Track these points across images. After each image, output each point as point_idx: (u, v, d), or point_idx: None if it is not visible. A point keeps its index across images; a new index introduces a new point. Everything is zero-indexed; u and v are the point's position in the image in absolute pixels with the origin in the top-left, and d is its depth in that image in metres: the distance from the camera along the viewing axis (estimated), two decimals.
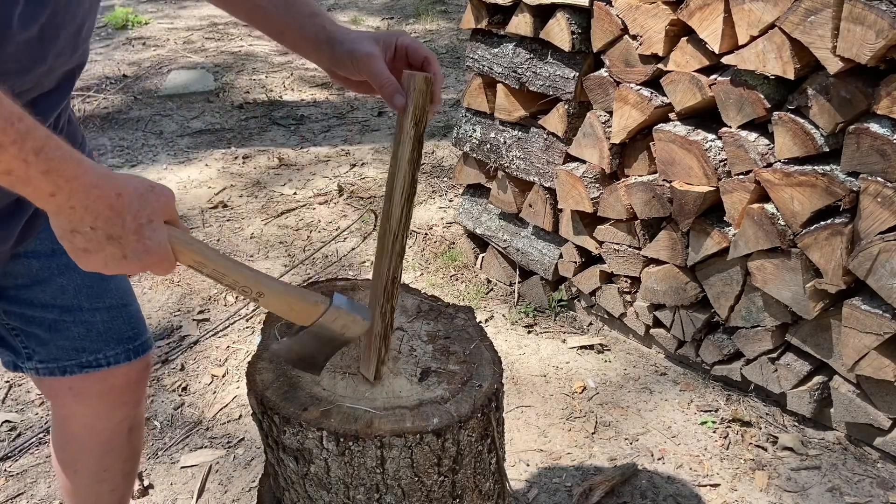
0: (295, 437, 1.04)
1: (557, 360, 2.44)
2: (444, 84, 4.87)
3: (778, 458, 2.04)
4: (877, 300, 1.78)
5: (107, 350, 1.30)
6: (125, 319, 1.32)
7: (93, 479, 1.47)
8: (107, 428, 1.41)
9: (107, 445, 1.43)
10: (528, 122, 2.46)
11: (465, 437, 1.06)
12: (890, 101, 1.61)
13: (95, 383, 1.32)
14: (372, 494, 1.06)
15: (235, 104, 4.55)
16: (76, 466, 1.46)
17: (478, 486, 1.15)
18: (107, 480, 1.48)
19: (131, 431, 1.45)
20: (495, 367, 1.16)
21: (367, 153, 3.94)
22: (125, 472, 1.51)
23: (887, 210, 1.66)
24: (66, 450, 1.45)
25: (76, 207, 0.83)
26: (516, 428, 2.16)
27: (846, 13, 1.58)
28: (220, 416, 2.24)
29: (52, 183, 0.80)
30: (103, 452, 1.44)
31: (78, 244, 0.86)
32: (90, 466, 1.45)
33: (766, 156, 1.86)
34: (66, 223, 0.85)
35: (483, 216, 2.80)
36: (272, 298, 0.98)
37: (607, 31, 2.09)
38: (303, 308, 1.00)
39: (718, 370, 2.25)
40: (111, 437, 1.42)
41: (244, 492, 1.98)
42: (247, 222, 3.27)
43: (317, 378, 1.11)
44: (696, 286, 2.16)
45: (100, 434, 1.41)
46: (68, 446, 1.44)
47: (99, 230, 0.85)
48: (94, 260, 0.88)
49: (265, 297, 0.98)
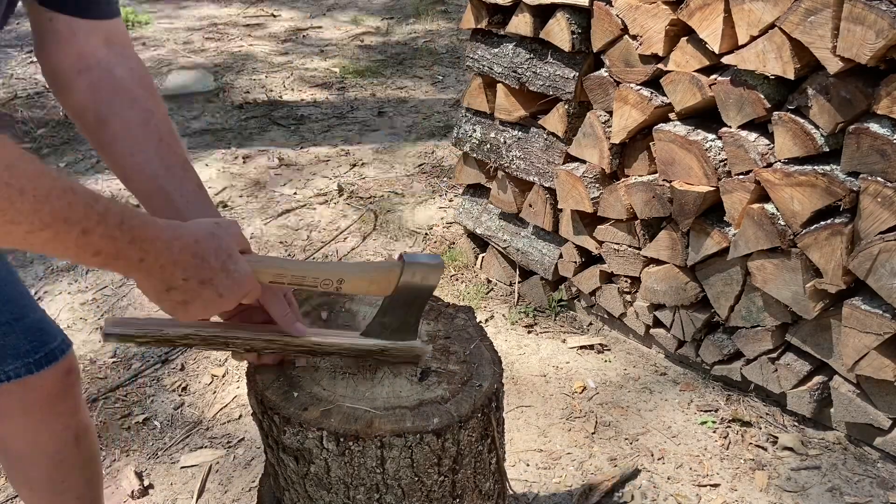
0: (295, 436, 1.04)
1: (557, 360, 2.44)
2: (445, 84, 4.87)
3: (778, 458, 2.04)
4: (877, 300, 1.78)
5: (4, 366, 1.26)
6: (18, 334, 1.27)
7: (51, 491, 1.45)
8: (49, 440, 1.38)
9: (55, 457, 1.41)
10: (528, 122, 2.46)
11: (465, 437, 1.06)
12: (890, 101, 1.61)
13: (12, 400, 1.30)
14: (372, 494, 1.06)
15: (235, 104, 4.55)
16: (30, 484, 1.44)
17: (478, 486, 1.15)
18: (69, 490, 1.46)
19: (78, 440, 1.42)
20: (495, 366, 1.16)
21: (367, 153, 3.94)
22: (87, 479, 1.49)
23: (887, 210, 1.66)
24: (16, 468, 1.44)
25: (165, 265, 0.86)
26: (516, 428, 2.16)
27: (846, 13, 1.58)
28: (220, 416, 2.24)
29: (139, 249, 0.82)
30: (53, 465, 1.41)
31: (175, 299, 0.89)
32: (43, 481, 1.43)
33: (767, 156, 1.86)
34: (159, 283, 0.87)
35: (483, 216, 2.80)
36: (352, 281, 1.03)
37: (607, 31, 2.09)
38: (382, 277, 1.04)
39: (718, 370, 2.25)
40: (57, 448, 1.40)
41: (244, 492, 1.98)
42: (247, 222, 3.27)
43: (316, 377, 1.12)
44: (696, 286, 2.16)
45: (44, 447, 1.38)
46: (17, 464, 1.43)
47: (191, 279, 0.88)
48: (194, 308, 0.91)
49: (346, 282, 1.02)
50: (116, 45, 1.12)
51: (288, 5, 6.77)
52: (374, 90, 4.78)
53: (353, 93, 4.75)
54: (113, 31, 1.12)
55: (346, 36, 5.92)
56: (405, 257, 1.03)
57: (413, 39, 5.79)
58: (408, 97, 4.68)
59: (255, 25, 6.18)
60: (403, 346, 1.11)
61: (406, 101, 4.61)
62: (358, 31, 6.04)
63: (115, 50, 1.11)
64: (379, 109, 4.48)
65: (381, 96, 4.69)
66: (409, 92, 4.77)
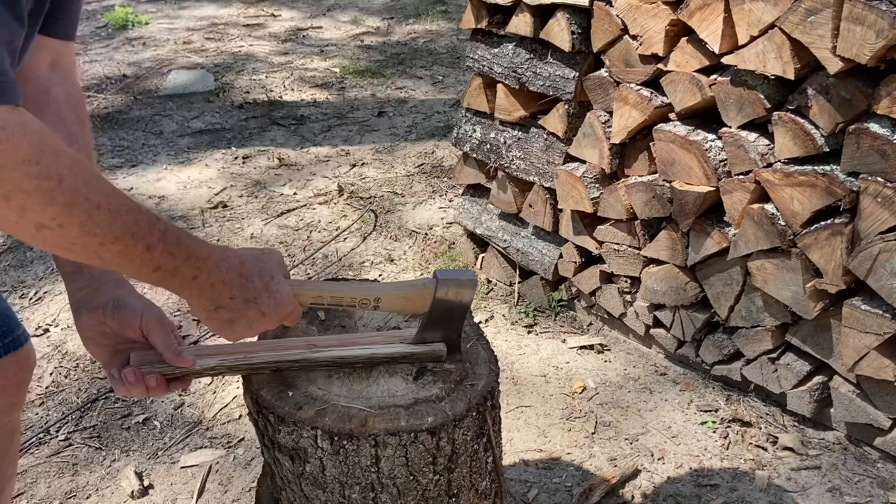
0: (290, 436, 1.04)
1: (557, 360, 2.44)
2: (445, 84, 4.87)
3: (778, 458, 2.04)
4: (877, 300, 1.78)
5: None
6: None
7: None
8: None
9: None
10: (528, 122, 2.45)
11: (460, 436, 1.06)
12: (890, 102, 1.61)
13: None
14: (367, 493, 1.06)
15: (235, 104, 4.55)
16: None
17: (474, 485, 1.15)
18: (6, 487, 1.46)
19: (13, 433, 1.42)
20: (491, 365, 1.16)
21: (367, 153, 3.94)
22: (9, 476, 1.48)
23: (887, 210, 1.65)
24: None
25: (215, 284, 0.92)
26: (516, 428, 2.16)
27: (846, 13, 1.57)
28: (220, 416, 2.24)
29: (194, 267, 0.89)
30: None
31: (223, 317, 0.95)
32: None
33: (766, 156, 1.85)
34: (209, 302, 0.93)
35: (483, 216, 2.80)
36: (389, 300, 1.07)
37: (607, 31, 2.09)
38: (417, 295, 1.08)
39: (718, 370, 2.24)
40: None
41: (244, 492, 1.97)
42: (247, 222, 3.27)
43: (312, 377, 1.11)
44: (696, 286, 2.15)
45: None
46: None
47: (237, 298, 0.94)
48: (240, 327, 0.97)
49: (383, 301, 1.07)
50: (60, 69, 1.16)
51: (288, 5, 6.78)
52: (374, 90, 4.78)
53: (353, 93, 4.75)
54: (61, 53, 1.16)
55: (346, 36, 5.92)
56: (438, 274, 1.06)
57: (413, 39, 5.80)
58: (408, 97, 4.68)
59: (255, 25, 6.19)
60: (425, 349, 1.13)
61: (406, 101, 4.61)
62: (358, 31, 6.05)
63: (57, 72, 1.15)
64: (379, 109, 4.48)
65: (381, 96, 4.69)
66: (409, 92, 4.77)
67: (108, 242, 0.79)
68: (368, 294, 1.05)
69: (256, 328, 0.98)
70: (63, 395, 2.31)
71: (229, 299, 0.93)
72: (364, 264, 2.97)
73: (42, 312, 2.68)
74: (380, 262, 2.97)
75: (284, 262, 1.02)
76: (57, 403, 2.28)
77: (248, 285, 0.94)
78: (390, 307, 1.08)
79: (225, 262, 0.92)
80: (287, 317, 1.00)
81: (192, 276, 0.89)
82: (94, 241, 0.78)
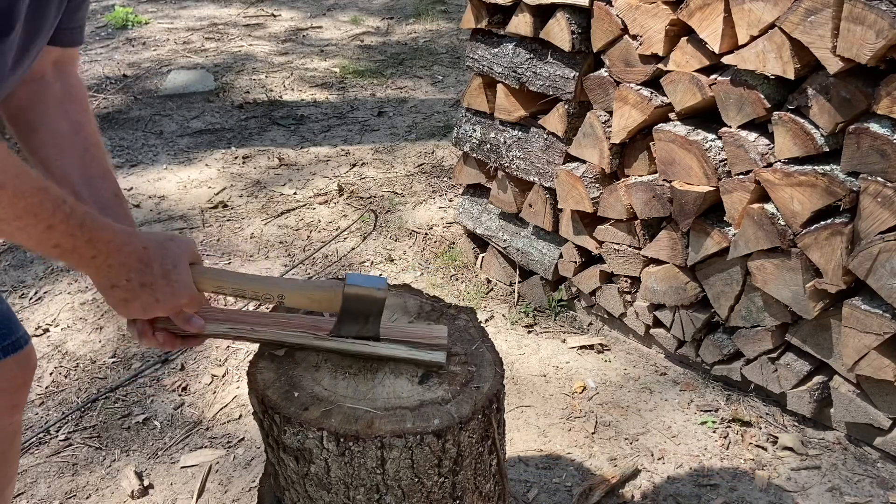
0: (295, 436, 1.04)
1: (557, 360, 2.44)
2: (445, 84, 4.87)
3: (778, 458, 2.04)
4: (877, 300, 1.78)
5: None
6: None
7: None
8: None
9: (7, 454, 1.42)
10: (528, 122, 2.46)
11: (465, 439, 1.06)
12: (890, 101, 1.61)
13: None
14: (372, 495, 1.06)
15: (235, 104, 4.55)
16: None
17: (478, 488, 1.15)
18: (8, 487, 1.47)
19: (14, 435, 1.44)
20: (497, 368, 1.16)
21: (367, 153, 3.94)
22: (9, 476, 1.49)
23: (887, 210, 1.66)
24: None
25: (113, 265, 0.97)
26: (516, 428, 2.16)
27: (846, 13, 1.58)
28: (220, 416, 2.24)
29: (93, 248, 0.95)
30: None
31: (118, 296, 1.01)
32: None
33: (766, 156, 1.86)
34: (106, 280, 0.99)
35: (483, 216, 2.80)
36: (293, 297, 1.10)
37: (607, 31, 2.09)
38: (323, 296, 1.10)
39: (718, 370, 2.25)
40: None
41: (244, 492, 1.98)
42: (247, 222, 3.27)
43: (318, 377, 1.12)
44: (696, 286, 2.16)
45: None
46: None
47: (133, 280, 0.99)
48: (134, 307, 1.02)
49: (286, 297, 1.09)
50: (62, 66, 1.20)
51: (288, 5, 6.77)
52: (374, 90, 4.78)
53: (353, 93, 4.75)
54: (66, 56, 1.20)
55: (346, 36, 5.92)
56: (348, 279, 1.09)
57: (413, 39, 5.79)
58: (408, 97, 4.68)
59: (255, 25, 6.18)
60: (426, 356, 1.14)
61: (406, 101, 4.61)
62: (358, 31, 6.04)
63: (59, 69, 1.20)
64: (379, 109, 4.48)
65: (381, 96, 4.69)
66: (409, 92, 4.77)
67: (9, 219, 0.86)
68: (272, 290, 1.09)
69: (150, 311, 1.03)
70: (63, 395, 2.31)
71: (125, 281, 0.99)
72: (364, 264, 2.97)
73: (42, 312, 2.68)
74: (380, 262, 2.97)
75: (195, 249, 1.07)
76: (57, 403, 2.28)
77: (146, 270, 0.99)
78: (295, 303, 1.12)
79: (127, 246, 0.98)
80: (185, 305, 1.05)
81: (90, 255, 0.95)
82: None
